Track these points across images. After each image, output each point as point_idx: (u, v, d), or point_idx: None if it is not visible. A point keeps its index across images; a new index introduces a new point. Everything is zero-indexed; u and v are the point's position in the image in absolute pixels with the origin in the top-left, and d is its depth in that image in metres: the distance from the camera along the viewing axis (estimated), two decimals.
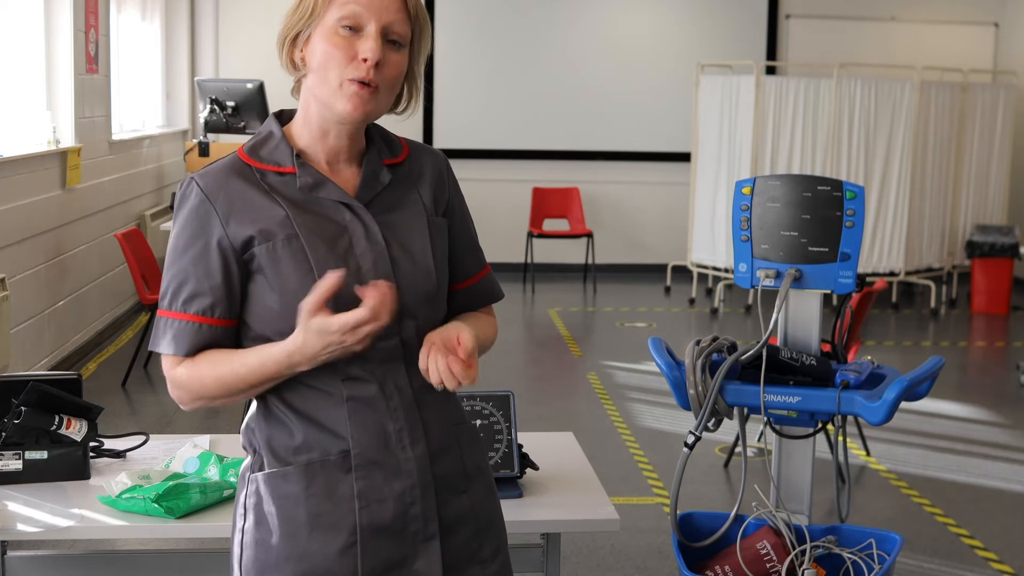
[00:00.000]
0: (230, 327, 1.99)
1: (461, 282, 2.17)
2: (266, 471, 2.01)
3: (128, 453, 3.10)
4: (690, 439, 3.01)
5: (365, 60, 1.94)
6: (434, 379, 1.93)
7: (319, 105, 2.00)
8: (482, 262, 2.22)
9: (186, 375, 1.98)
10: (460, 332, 1.95)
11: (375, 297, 1.85)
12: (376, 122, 2.10)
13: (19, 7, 6.93)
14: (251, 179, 2.00)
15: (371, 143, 2.09)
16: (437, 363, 1.92)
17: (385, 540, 1.99)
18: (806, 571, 2.90)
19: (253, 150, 2.03)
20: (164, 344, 1.98)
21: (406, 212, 2.06)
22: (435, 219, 2.09)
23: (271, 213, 1.97)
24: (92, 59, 7.71)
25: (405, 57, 2.01)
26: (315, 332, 1.87)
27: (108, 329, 8.26)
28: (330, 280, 1.86)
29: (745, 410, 3.09)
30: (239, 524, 2.05)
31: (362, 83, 1.95)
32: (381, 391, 1.99)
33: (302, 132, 2.04)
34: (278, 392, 2.00)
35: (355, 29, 1.96)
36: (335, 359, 1.92)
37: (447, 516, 2.03)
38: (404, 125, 2.22)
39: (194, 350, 1.97)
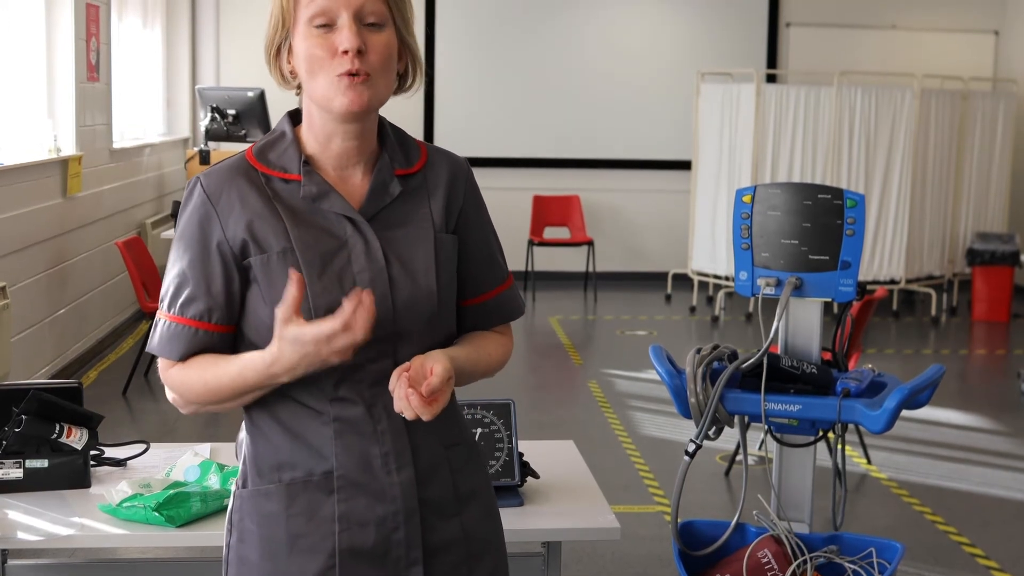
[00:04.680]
0: (227, 333, 1.95)
1: (473, 297, 2.08)
2: (249, 488, 1.99)
3: (129, 461, 3.10)
4: (691, 447, 3.01)
5: (346, 52, 1.89)
6: (395, 406, 1.87)
7: (319, 110, 1.95)
8: (501, 276, 2.12)
9: (177, 379, 1.95)
10: (436, 364, 1.88)
11: (349, 308, 1.79)
12: (394, 124, 2.06)
13: (20, 15, 6.95)
14: (256, 183, 1.95)
15: (384, 146, 2.02)
16: (398, 391, 1.86)
17: (365, 565, 1.95)
18: None
19: (262, 153, 1.98)
20: (158, 346, 1.96)
21: (412, 228, 1.99)
22: (443, 236, 2.01)
23: (270, 223, 1.92)
24: (93, 67, 7.72)
25: (391, 35, 1.94)
26: (289, 342, 1.82)
27: (109, 337, 8.26)
28: (295, 286, 1.81)
29: (746, 418, 3.09)
30: (226, 539, 2.03)
31: (352, 75, 1.90)
32: (369, 414, 1.94)
33: (308, 139, 1.99)
34: (267, 407, 1.96)
35: (329, 24, 1.90)
36: (316, 371, 1.86)
37: (433, 541, 1.99)
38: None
39: (188, 354, 1.94)
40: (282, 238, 1.92)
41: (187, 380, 1.94)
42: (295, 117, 2.03)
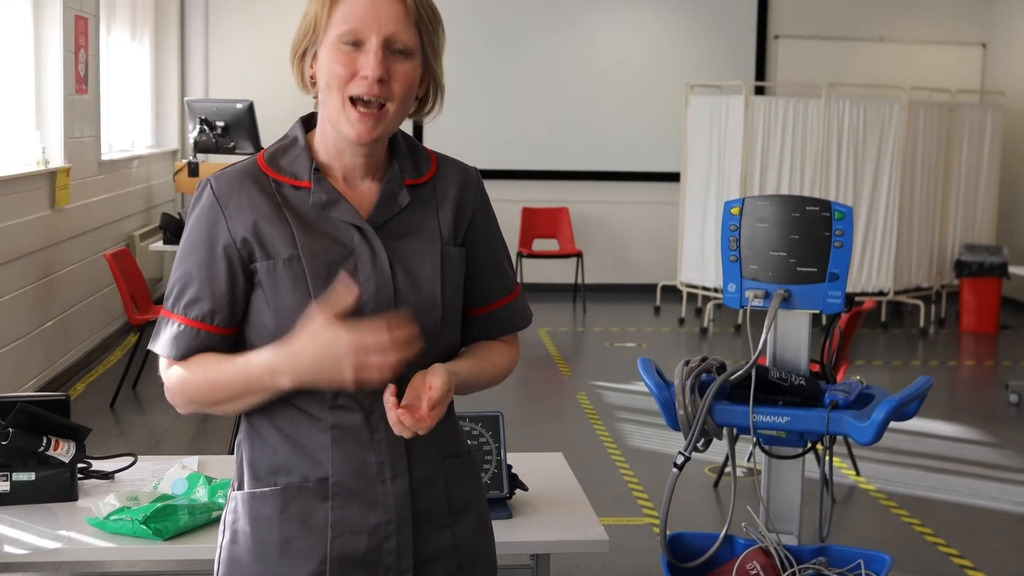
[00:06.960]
0: (229, 335, 1.96)
1: (480, 308, 2.09)
2: (245, 490, 1.99)
3: (116, 474, 3.09)
4: (680, 459, 3.01)
5: (367, 77, 1.90)
6: (393, 428, 1.88)
7: (331, 125, 1.96)
8: (508, 287, 2.13)
9: (178, 377, 1.95)
10: (435, 378, 1.89)
11: (400, 329, 1.80)
12: (406, 133, 2.06)
13: (9, 27, 6.94)
14: (266, 189, 1.95)
15: (395, 155, 2.03)
16: (390, 416, 1.86)
17: (355, 572, 1.95)
18: None
19: (273, 158, 1.99)
20: (160, 344, 1.96)
21: (419, 239, 1.99)
22: (450, 248, 2.01)
23: (278, 229, 1.92)
24: (82, 79, 7.71)
25: (416, 65, 1.96)
26: (323, 344, 1.81)
27: (96, 350, 8.24)
28: (349, 294, 1.82)
29: (734, 430, 3.09)
30: (219, 540, 2.04)
31: (366, 104, 1.90)
32: (367, 422, 1.94)
33: (320, 146, 2.00)
34: (266, 411, 1.96)
35: (357, 44, 1.91)
36: (313, 387, 1.86)
37: (424, 551, 1.99)
38: None
39: (189, 354, 1.95)
40: (289, 245, 1.92)
41: (189, 379, 1.94)
42: (308, 123, 2.04)
